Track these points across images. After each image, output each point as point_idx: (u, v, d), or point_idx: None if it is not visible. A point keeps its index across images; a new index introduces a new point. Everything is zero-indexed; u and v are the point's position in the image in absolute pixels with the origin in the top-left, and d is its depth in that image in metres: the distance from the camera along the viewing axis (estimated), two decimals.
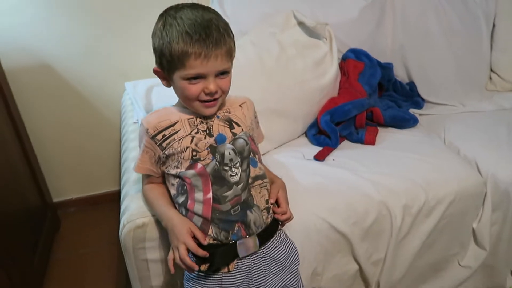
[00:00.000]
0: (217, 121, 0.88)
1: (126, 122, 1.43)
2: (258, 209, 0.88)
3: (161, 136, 0.86)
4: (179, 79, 0.81)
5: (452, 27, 1.64)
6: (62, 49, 1.61)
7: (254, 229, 0.87)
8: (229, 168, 0.85)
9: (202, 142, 0.85)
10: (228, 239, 0.85)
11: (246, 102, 0.96)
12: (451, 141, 1.37)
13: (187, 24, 0.78)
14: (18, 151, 1.56)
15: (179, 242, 0.83)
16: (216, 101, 0.85)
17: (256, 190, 0.89)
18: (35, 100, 1.66)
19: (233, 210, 0.85)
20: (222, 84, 0.83)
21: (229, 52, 0.82)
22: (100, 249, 1.66)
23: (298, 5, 1.48)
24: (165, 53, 0.80)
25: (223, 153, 0.85)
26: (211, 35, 0.78)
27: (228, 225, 0.85)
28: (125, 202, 1.03)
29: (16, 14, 1.51)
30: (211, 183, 0.84)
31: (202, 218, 0.85)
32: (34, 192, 1.65)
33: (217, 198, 0.84)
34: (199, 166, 0.84)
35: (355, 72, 1.44)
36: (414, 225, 1.16)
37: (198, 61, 0.78)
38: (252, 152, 0.90)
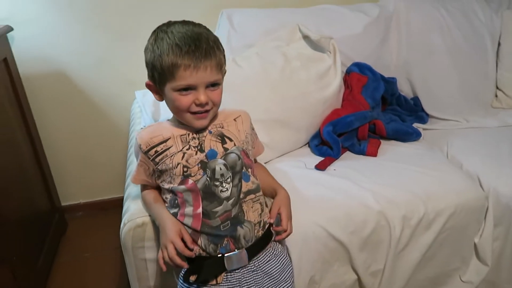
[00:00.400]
0: (209, 137, 0.89)
1: (134, 128, 1.48)
2: (250, 224, 0.89)
3: (153, 152, 0.87)
4: (170, 91, 0.82)
5: (457, 45, 1.66)
6: (77, 58, 1.68)
7: (244, 243, 0.88)
8: (220, 183, 0.86)
9: (193, 158, 0.86)
10: (216, 252, 0.87)
11: (241, 115, 0.96)
12: (454, 156, 1.37)
13: (177, 37, 0.80)
14: (30, 155, 1.61)
15: (167, 241, 0.85)
16: (207, 113, 0.86)
17: (248, 205, 0.90)
18: (48, 106, 1.72)
19: (223, 226, 0.87)
20: (213, 96, 0.84)
21: (219, 64, 0.84)
22: (104, 254, 1.69)
23: (304, 20, 1.52)
24: (156, 66, 0.82)
25: (214, 168, 0.86)
26: (200, 47, 0.80)
27: (217, 239, 0.87)
28: (127, 203, 1.06)
29: (35, 24, 1.59)
30: (201, 199, 0.86)
31: (192, 229, 0.87)
32: (43, 195, 1.70)
33: (207, 213, 0.86)
34: (190, 182, 0.86)
35: (358, 85, 1.47)
36: (413, 237, 1.16)
37: (188, 72, 0.79)
38: (244, 166, 0.91)
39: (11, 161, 1.41)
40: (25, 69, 1.61)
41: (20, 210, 1.41)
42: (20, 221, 1.39)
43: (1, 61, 1.43)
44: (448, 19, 1.66)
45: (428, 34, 1.66)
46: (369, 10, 1.64)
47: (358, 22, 1.60)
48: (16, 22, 1.55)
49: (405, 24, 1.66)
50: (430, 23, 1.66)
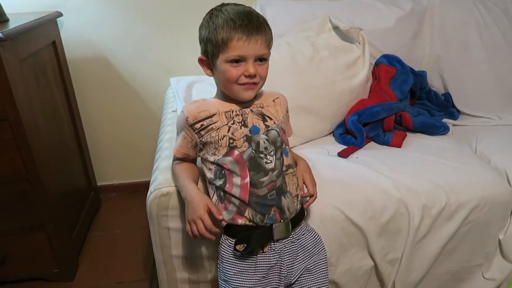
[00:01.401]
0: (251, 115, 0.94)
1: (166, 111, 1.55)
2: (291, 196, 0.94)
3: (199, 125, 0.93)
4: (223, 62, 0.88)
5: (494, 41, 1.62)
6: (118, 45, 1.78)
7: (288, 214, 0.93)
8: (264, 155, 0.91)
9: (238, 132, 0.92)
10: (263, 222, 0.91)
11: (279, 97, 1.02)
12: (482, 151, 1.35)
13: (231, 13, 0.87)
14: (71, 134, 1.73)
15: (195, 217, 0.88)
16: (255, 85, 0.91)
17: (289, 178, 0.94)
18: (90, 89, 1.84)
19: (269, 195, 0.91)
20: (260, 70, 0.90)
21: (268, 40, 0.90)
22: (133, 232, 1.78)
23: (336, 11, 1.55)
24: (211, 39, 0.88)
25: (258, 141, 0.91)
26: (252, 22, 0.87)
27: (265, 208, 0.91)
28: (154, 174, 1.12)
29: (83, 11, 1.70)
30: (248, 169, 0.90)
31: (240, 200, 0.90)
32: (81, 173, 1.82)
33: (254, 183, 0.90)
34: (236, 153, 0.91)
35: (386, 76, 1.47)
36: (433, 227, 1.15)
37: (240, 43, 0.86)
38: (283, 142, 0.96)
39: (54, 137, 1.52)
40: (71, 52, 1.73)
41: (59, 184, 1.52)
42: (59, 193, 1.50)
43: (50, 44, 1.55)
44: (486, 15, 1.63)
45: (463, 29, 1.63)
46: (402, 4, 1.64)
47: (390, 15, 1.60)
48: (66, 8, 1.67)
49: (440, 18, 1.64)
50: (466, 18, 1.63)
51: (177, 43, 1.81)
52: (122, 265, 1.60)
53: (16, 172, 1.30)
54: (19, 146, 1.27)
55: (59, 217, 1.45)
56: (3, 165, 1.29)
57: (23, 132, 1.25)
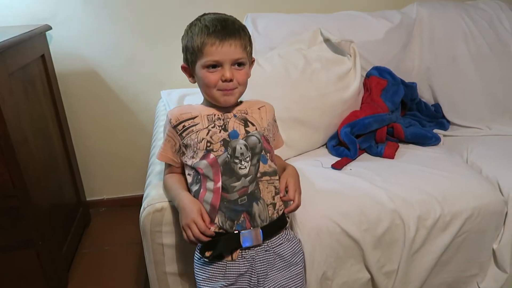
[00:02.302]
0: (233, 119, 0.95)
1: (158, 124, 1.54)
2: (264, 203, 0.93)
3: (181, 126, 0.94)
4: (200, 68, 0.91)
5: (481, 52, 1.65)
6: (108, 58, 1.77)
7: (259, 221, 0.92)
8: (239, 161, 0.92)
9: (217, 136, 0.93)
10: (232, 228, 0.91)
11: (265, 106, 1.03)
12: (473, 161, 1.36)
13: (207, 21, 0.90)
14: (60, 149, 1.70)
15: (189, 221, 0.88)
16: (232, 90, 0.92)
17: (263, 185, 0.94)
18: (80, 102, 1.82)
19: (240, 200, 0.91)
20: (238, 75, 0.91)
21: (244, 45, 0.92)
22: (123, 248, 1.75)
23: (327, 25, 1.55)
24: (189, 47, 0.92)
25: (234, 147, 0.92)
26: (226, 27, 0.89)
27: (234, 214, 0.90)
28: (147, 190, 1.11)
29: (72, 24, 1.69)
30: (221, 174, 0.91)
31: (210, 206, 0.91)
32: (70, 188, 1.78)
33: (226, 188, 0.90)
34: (211, 156, 0.91)
35: (378, 88, 1.48)
36: (428, 238, 1.15)
37: (214, 48, 0.88)
38: (264, 150, 0.95)
39: (43, 151, 1.49)
40: (60, 66, 1.71)
41: (48, 199, 1.48)
42: (48, 209, 1.46)
43: (39, 57, 1.53)
44: (472, 27, 1.66)
45: (451, 41, 1.66)
46: (391, 17, 1.66)
47: (380, 28, 1.62)
48: (55, 22, 1.65)
49: (428, 30, 1.67)
50: (454, 30, 1.66)
51: (167, 56, 1.81)
52: (113, 282, 1.56)
53: (3, 188, 1.26)
54: (7, 161, 1.23)
55: (48, 234, 1.41)
56: None
57: (11, 147, 1.22)
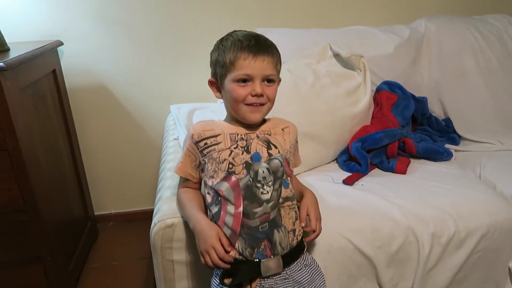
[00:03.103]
0: (256, 140, 0.93)
1: (167, 139, 1.54)
2: (285, 230, 0.91)
3: (203, 143, 0.92)
4: (230, 82, 0.90)
5: (490, 67, 1.65)
6: (118, 72, 1.78)
7: (280, 249, 0.90)
8: (261, 185, 0.89)
9: (239, 157, 0.90)
10: (253, 256, 0.88)
11: (289, 126, 1.01)
12: (487, 177, 1.34)
13: (240, 36, 0.90)
14: (70, 163, 1.70)
15: (208, 246, 0.86)
16: (261, 106, 0.91)
17: (285, 211, 0.92)
18: (89, 117, 1.82)
19: (261, 227, 0.88)
20: (268, 91, 0.91)
21: (275, 62, 0.92)
22: (131, 263, 1.73)
23: (336, 39, 1.56)
24: (219, 61, 0.91)
25: (257, 170, 0.90)
26: (260, 42, 0.89)
27: (255, 241, 0.88)
28: (158, 204, 1.10)
29: (83, 40, 1.71)
30: (243, 198, 0.88)
31: (231, 230, 0.88)
32: (78, 203, 1.78)
33: (247, 213, 0.88)
34: (233, 179, 0.89)
35: (388, 103, 1.47)
36: (443, 256, 1.12)
37: (247, 62, 0.87)
38: (285, 173, 0.94)
39: (53, 166, 1.49)
40: (71, 81, 1.73)
41: (56, 214, 1.48)
42: (57, 224, 1.46)
43: (50, 73, 1.54)
44: (481, 41, 1.66)
45: (460, 55, 1.66)
46: (400, 31, 1.67)
47: (389, 43, 1.62)
48: (67, 37, 1.67)
49: (437, 45, 1.67)
50: (462, 45, 1.66)
51: (177, 71, 1.82)
52: None
53: (13, 203, 1.27)
54: (17, 176, 1.24)
55: (56, 249, 1.40)
56: (0, 196, 1.25)
57: (22, 162, 1.22)
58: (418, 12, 1.86)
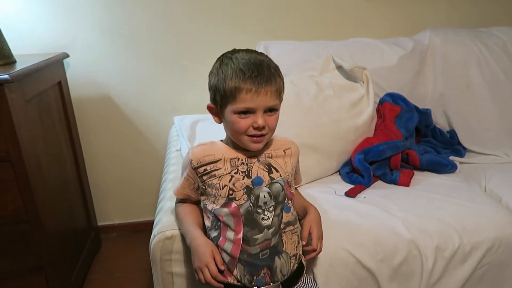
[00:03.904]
0: (257, 164, 0.91)
1: (170, 150, 1.54)
2: (287, 256, 0.90)
3: (202, 170, 0.90)
4: (230, 113, 0.86)
5: (496, 79, 1.63)
6: (123, 84, 1.80)
7: (280, 276, 0.89)
8: (262, 211, 0.88)
9: (240, 183, 0.88)
10: (251, 283, 0.87)
11: (291, 148, 0.98)
12: (492, 189, 1.32)
13: (242, 63, 0.84)
14: (73, 174, 1.71)
15: (202, 264, 0.85)
16: (263, 137, 0.88)
17: (287, 236, 0.91)
18: (94, 129, 1.84)
19: (261, 254, 0.87)
20: (270, 121, 0.87)
21: (278, 90, 0.87)
22: (133, 274, 1.72)
23: (339, 52, 1.56)
24: (219, 89, 0.86)
25: (258, 195, 0.88)
26: (262, 73, 0.83)
27: (254, 269, 0.87)
28: (158, 216, 1.10)
29: (88, 52, 1.73)
30: (243, 224, 0.87)
31: (230, 256, 0.87)
32: (81, 213, 1.78)
33: (247, 240, 0.87)
34: (233, 205, 0.88)
35: (391, 115, 1.46)
36: (447, 270, 1.10)
37: (249, 96, 0.83)
38: (286, 197, 0.93)
39: (56, 177, 1.50)
40: (76, 92, 1.75)
41: (59, 225, 1.48)
42: (59, 235, 1.46)
43: (55, 84, 1.56)
44: (486, 53, 1.65)
45: (464, 67, 1.65)
46: (403, 44, 1.67)
47: (392, 55, 1.62)
48: (72, 49, 1.70)
49: (441, 57, 1.66)
50: (467, 57, 1.65)
51: (181, 82, 1.83)
52: None
53: (16, 213, 1.27)
54: (21, 187, 1.24)
55: (58, 259, 1.40)
56: (3, 206, 1.25)
57: (25, 173, 1.23)
58: (421, 24, 1.86)
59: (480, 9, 1.95)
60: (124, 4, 1.70)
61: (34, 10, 1.64)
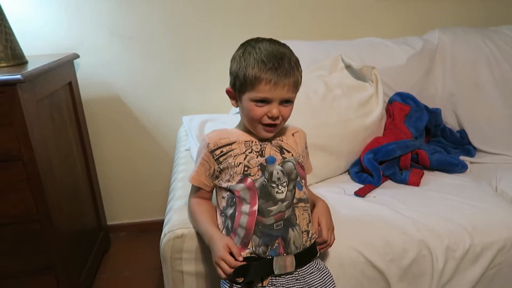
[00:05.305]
0: (269, 146, 0.96)
1: (179, 150, 1.55)
2: (299, 229, 0.91)
3: (219, 152, 0.94)
4: (248, 100, 0.90)
5: (506, 78, 1.62)
6: (132, 85, 1.81)
7: (293, 248, 0.90)
8: (276, 185, 0.91)
9: (254, 160, 0.93)
10: (266, 254, 0.89)
11: (298, 131, 1.04)
12: (503, 190, 1.31)
13: (264, 54, 0.87)
14: (83, 174, 1.72)
15: (217, 258, 0.87)
16: (276, 126, 0.93)
17: (299, 211, 0.93)
18: (104, 129, 1.85)
19: (276, 225, 0.89)
20: (284, 111, 0.91)
21: (296, 83, 0.91)
22: (142, 274, 1.73)
23: (348, 51, 1.56)
24: (239, 76, 0.90)
25: (271, 171, 0.92)
26: (282, 66, 0.87)
27: (269, 239, 0.89)
28: (168, 215, 1.10)
29: (98, 53, 1.75)
30: (258, 197, 0.90)
31: (245, 229, 0.89)
32: (91, 213, 1.79)
33: (262, 211, 0.89)
34: (248, 180, 0.91)
35: (401, 114, 1.46)
36: (458, 271, 1.10)
37: (268, 87, 0.87)
38: (299, 176, 0.95)
39: (67, 177, 1.51)
40: (86, 93, 1.76)
41: (69, 224, 1.49)
42: (69, 234, 1.47)
43: (66, 85, 1.57)
44: (496, 52, 1.64)
45: (474, 66, 1.63)
46: (413, 43, 1.66)
47: (401, 54, 1.61)
48: (83, 50, 1.71)
49: (451, 56, 1.65)
50: (477, 56, 1.64)
51: (189, 83, 1.84)
52: None
53: (27, 213, 1.28)
54: (32, 186, 1.25)
55: (68, 259, 1.41)
56: (15, 206, 1.27)
57: (37, 173, 1.24)
58: (431, 23, 1.85)
59: (489, 8, 1.93)
60: (133, 6, 1.71)
61: (45, 12, 1.66)
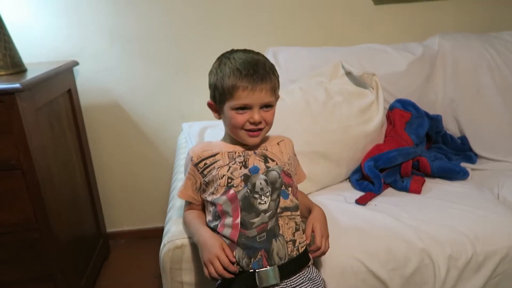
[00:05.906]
0: (253, 156, 0.97)
1: (179, 157, 1.54)
2: (283, 239, 0.91)
3: (202, 164, 0.95)
4: (229, 109, 0.92)
5: (507, 84, 1.61)
6: (131, 92, 1.81)
7: (277, 259, 0.90)
8: (259, 196, 0.91)
9: (237, 172, 0.93)
10: (249, 266, 0.88)
11: (283, 140, 1.04)
12: (505, 197, 1.30)
13: (238, 63, 0.91)
14: (83, 181, 1.72)
15: (212, 256, 0.87)
16: (259, 131, 0.94)
17: (283, 220, 0.92)
18: (103, 135, 1.85)
19: (259, 237, 0.90)
20: (266, 116, 0.93)
21: (273, 88, 0.94)
22: (142, 281, 1.72)
23: (347, 57, 1.56)
24: (218, 87, 0.93)
25: (254, 182, 0.92)
26: (258, 72, 0.90)
27: (252, 251, 0.89)
28: (168, 225, 1.09)
29: (97, 60, 1.74)
30: (240, 209, 0.90)
31: (229, 240, 0.90)
32: (91, 220, 1.79)
33: (245, 224, 0.90)
34: (231, 192, 0.92)
35: (401, 121, 1.45)
36: (460, 280, 1.09)
37: (245, 93, 0.89)
38: (284, 184, 0.95)
39: (66, 185, 1.51)
40: (86, 100, 1.76)
41: (69, 232, 1.48)
42: (69, 242, 1.46)
43: (65, 92, 1.57)
44: (497, 58, 1.63)
45: (475, 72, 1.63)
46: (413, 49, 1.65)
47: (402, 60, 1.61)
48: (82, 57, 1.71)
49: (451, 62, 1.64)
50: (478, 62, 1.63)
51: (189, 89, 1.84)
52: None
53: (26, 221, 1.28)
54: (31, 195, 1.25)
55: (68, 267, 1.41)
56: (14, 214, 1.26)
57: (36, 182, 1.24)
58: (431, 29, 1.85)
59: (490, 13, 1.93)
60: (133, 13, 1.71)
61: (44, 19, 1.66)
